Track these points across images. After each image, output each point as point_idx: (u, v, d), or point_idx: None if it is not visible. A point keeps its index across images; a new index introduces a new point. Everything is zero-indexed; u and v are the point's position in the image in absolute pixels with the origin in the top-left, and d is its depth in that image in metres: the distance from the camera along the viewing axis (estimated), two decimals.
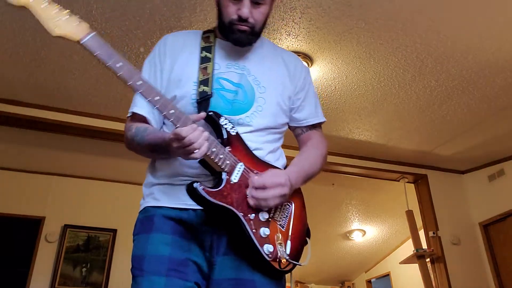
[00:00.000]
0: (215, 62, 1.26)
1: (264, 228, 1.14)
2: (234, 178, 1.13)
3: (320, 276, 7.42)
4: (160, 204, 1.18)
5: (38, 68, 3.13)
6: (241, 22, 1.21)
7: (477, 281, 4.27)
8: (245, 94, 1.24)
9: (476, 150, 4.30)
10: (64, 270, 4.34)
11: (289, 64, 1.37)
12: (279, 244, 1.15)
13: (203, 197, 1.06)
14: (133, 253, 1.16)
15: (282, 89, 1.31)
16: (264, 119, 1.25)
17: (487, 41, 2.88)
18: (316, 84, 3.33)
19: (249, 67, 1.28)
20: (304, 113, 1.37)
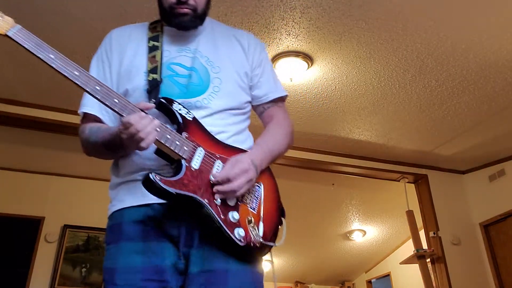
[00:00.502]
0: (164, 49, 1.21)
1: (233, 212, 1.07)
2: (194, 164, 1.06)
3: (320, 276, 7.42)
4: (125, 205, 1.12)
5: (37, 68, 3.12)
6: (180, 4, 1.18)
7: (478, 281, 4.26)
8: (199, 76, 1.19)
9: (476, 150, 4.30)
10: (64, 270, 4.33)
11: (242, 41, 1.33)
12: (251, 227, 1.08)
13: (161, 188, 0.98)
14: (104, 265, 1.10)
15: (238, 66, 1.26)
16: (222, 99, 1.19)
17: (488, 41, 2.87)
18: (316, 84, 3.33)
19: (201, 49, 1.24)
20: (264, 89, 1.32)
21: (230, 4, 2.60)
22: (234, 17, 2.70)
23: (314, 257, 6.88)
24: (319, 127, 3.93)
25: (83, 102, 1.21)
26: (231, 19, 2.71)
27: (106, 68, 1.22)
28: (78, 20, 2.69)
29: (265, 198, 1.17)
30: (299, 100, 3.53)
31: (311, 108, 3.64)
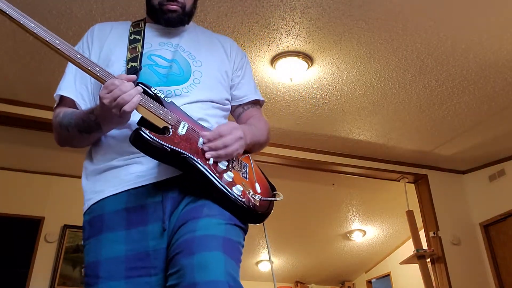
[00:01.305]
0: (146, 42, 1.21)
1: (227, 172, 1.04)
2: (181, 130, 1.02)
3: (320, 276, 7.42)
4: (105, 195, 1.06)
5: (38, 68, 3.12)
6: (170, 1, 1.21)
7: (478, 281, 4.26)
8: (180, 68, 1.18)
9: (476, 150, 4.30)
10: (64, 270, 4.33)
11: (225, 44, 1.35)
12: (247, 190, 1.05)
13: (153, 141, 0.94)
14: (86, 261, 1.05)
15: (219, 64, 1.28)
16: (203, 91, 1.18)
17: (488, 41, 2.87)
18: (316, 84, 3.33)
19: (183, 44, 1.25)
20: (244, 90, 1.33)
21: (230, 4, 2.60)
22: (234, 17, 2.70)
23: (314, 257, 6.88)
24: (319, 127, 3.93)
25: (60, 85, 1.19)
26: (231, 19, 2.71)
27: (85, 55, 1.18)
28: (81, 21, 2.70)
29: (255, 171, 1.16)
30: (299, 100, 3.53)
31: (311, 108, 3.64)
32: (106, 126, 1.06)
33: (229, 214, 1.03)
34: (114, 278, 0.99)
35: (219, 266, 0.92)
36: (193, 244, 0.94)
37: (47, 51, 2.96)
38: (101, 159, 1.12)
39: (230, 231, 1.01)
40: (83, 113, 1.08)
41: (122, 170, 1.07)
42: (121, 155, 1.09)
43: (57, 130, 1.15)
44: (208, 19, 2.71)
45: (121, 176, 1.06)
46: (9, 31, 2.79)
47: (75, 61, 1.01)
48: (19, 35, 2.82)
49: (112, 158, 1.10)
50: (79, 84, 1.19)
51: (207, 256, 0.92)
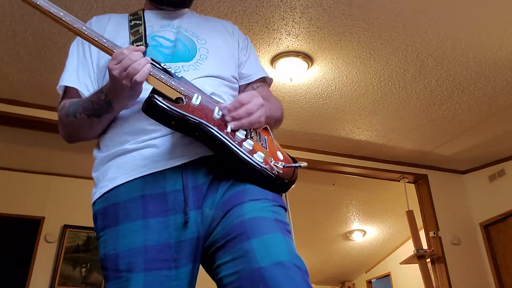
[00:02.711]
0: (147, 25, 1.17)
1: (246, 140, 0.97)
2: (195, 101, 0.96)
3: (320, 276, 7.42)
4: (119, 182, 0.99)
5: (38, 68, 3.12)
6: None
7: (478, 281, 4.26)
8: (185, 46, 1.14)
9: (476, 150, 4.30)
10: (64, 270, 4.33)
11: (226, 25, 1.32)
12: (268, 158, 0.99)
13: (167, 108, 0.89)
14: (103, 253, 0.97)
15: (224, 42, 1.24)
16: (211, 67, 1.12)
17: (488, 40, 2.87)
18: (316, 84, 3.33)
19: (185, 26, 1.21)
20: (251, 68, 1.27)
21: (230, 4, 2.60)
22: (234, 17, 2.70)
23: (314, 257, 6.88)
24: (319, 127, 3.93)
25: (62, 77, 1.14)
26: (231, 19, 2.71)
27: (86, 48, 1.16)
28: (82, 21, 2.69)
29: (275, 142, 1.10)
30: (299, 100, 3.53)
31: (311, 108, 3.64)
32: (117, 103, 0.99)
33: (272, 194, 0.99)
34: (133, 270, 0.92)
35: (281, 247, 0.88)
36: (246, 228, 0.89)
37: (48, 52, 2.96)
38: (112, 145, 1.05)
39: (278, 213, 0.97)
40: (91, 95, 1.03)
41: (136, 154, 1.00)
42: (133, 137, 1.02)
43: (64, 122, 1.08)
44: None
45: (135, 161, 0.99)
46: (9, 32, 2.79)
47: (82, 33, 0.96)
48: (20, 35, 2.82)
49: (124, 141, 1.02)
50: (82, 74, 1.13)
51: (267, 238, 0.88)
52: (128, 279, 0.91)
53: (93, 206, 1.04)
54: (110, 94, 0.97)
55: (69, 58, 1.18)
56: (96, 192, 1.04)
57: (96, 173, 1.07)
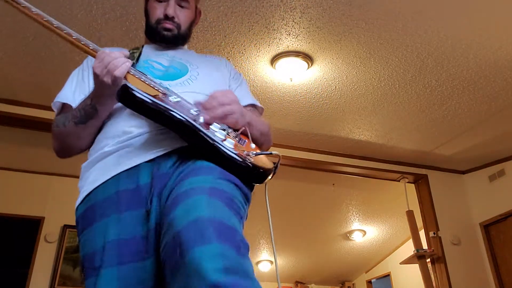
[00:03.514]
0: (143, 53, 1.26)
1: (219, 131, 1.00)
2: (173, 98, 1.01)
3: (320, 276, 7.42)
4: (97, 184, 1.03)
5: (38, 68, 3.12)
6: (167, 20, 1.27)
7: (478, 281, 4.26)
8: (176, 69, 1.21)
9: (476, 150, 4.30)
10: (64, 270, 4.33)
11: (220, 59, 1.41)
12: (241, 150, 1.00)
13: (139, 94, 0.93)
14: (82, 255, 1.00)
15: (216, 70, 1.31)
16: (201, 85, 1.17)
17: (488, 40, 2.88)
18: (316, 84, 3.33)
19: (179, 55, 1.29)
20: (242, 94, 1.28)
21: (230, 4, 2.60)
22: (234, 17, 2.70)
23: (314, 257, 6.88)
24: (319, 127, 3.93)
25: (59, 94, 1.21)
26: (231, 19, 2.71)
27: (85, 73, 1.25)
28: (81, 21, 2.70)
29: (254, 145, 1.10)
30: (299, 100, 3.53)
31: (311, 108, 3.64)
32: (101, 105, 1.05)
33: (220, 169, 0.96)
34: (106, 265, 0.93)
35: (201, 206, 0.83)
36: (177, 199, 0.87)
37: (48, 52, 2.96)
38: (93, 152, 1.10)
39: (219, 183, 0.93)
40: (80, 105, 1.10)
41: (114, 156, 1.05)
42: (112, 140, 1.06)
43: (54, 133, 1.14)
44: (208, 19, 2.71)
45: (112, 161, 1.04)
46: (10, 32, 2.79)
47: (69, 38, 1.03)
48: (20, 35, 2.82)
49: (104, 144, 1.08)
50: (78, 94, 1.20)
51: (189, 202, 0.85)
52: (101, 275, 0.92)
53: (75, 212, 1.07)
54: (94, 97, 1.04)
55: (67, 80, 1.26)
56: (78, 198, 1.07)
57: (80, 182, 1.11)
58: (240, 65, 3.12)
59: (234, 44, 2.93)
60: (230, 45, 2.94)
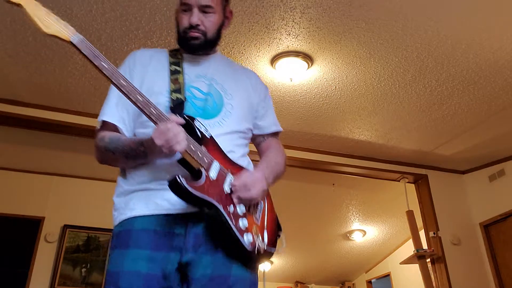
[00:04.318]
0: (185, 73, 1.33)
1: (242, 219, 1.18)
2: (212, 174, 1.16)
3: (320, 276, 7.42)
4: (136, 213, 1.18)
5: (38, 68, 3.13)
6: (192, 29, 1.32)
7: (478, 281, 4.26)
8: (214, 101, 1.32)
9: (476, 150, 4.30)
10: (64, 270, 4.33)
11: (251, 78, 1.50)
12: (256, 235, 1.19)
13: (186, 190, 1.08)
14: (109, 269, 1.15)
15: (247, 96, 1.41)
16: (233, 122, 1.32)
17: (488, 41, 2.88)
18: (316, 84, 3.33)
19: (216, 77, 1.37)
20: (267, 121, 1.47)
21: (230, 4, 2.59)
22: (234, 17, 2.68)
23: (314, 257, 6.88)
24: (319, 127, 3.93)
25: (104, 111, 1.29)
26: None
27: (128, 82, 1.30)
28: (81, 21, 2.70)
29: (268, 213, 1.30)
30: (299, 100, 3.54)
31: (311, 108, 3.64)
32: (152, 157, 1.17)
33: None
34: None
35: None
36: None
37: (48, 52, 2.96)
38: (137, 181, 1.23)
39: None
40: (132, 142, 1.19)
41: (157, 193, 1.18)
42: (156, 180, 1.19)
43: (101, 151, 1.25)
44: None
45: (155, 199, 1.18)
46: (10, 32, 2.79)
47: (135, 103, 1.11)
48: (20, 35, 2.82)
49: (148, 180, 1.21)
50: (120, 108, 1.28)
51: None
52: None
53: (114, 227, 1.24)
54: (148, 149, 1.14)
55: (109, 92, 1.32)
56: (116, 218, 1.23)
57: (118, 199, 1.26)
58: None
59: (234, 44, 2.93)
60: (230, 45, 2.94)
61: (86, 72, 3.15)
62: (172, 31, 2.81)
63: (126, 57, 1.39)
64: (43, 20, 1.05)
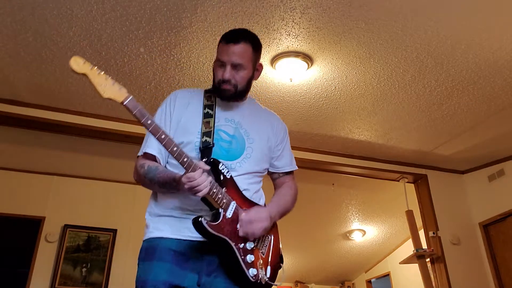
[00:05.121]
0: (216, 117, 1.56)
1: (250, 255, 1.42)
2: (228, 214, 1.40)
3: (320, 276, 7.43)
4: (163, 235, 1.43)
5: (39, 69, 3.13)
6: (224, 82, 1.53)
7: (477, 281, 4.27)
8: (238, 144, 1.55)
9: (476, 150, 4.31)
10: (64, 270, 4.33)
11: (273, 122, 1.69)
12: (260, 268, 1.43)
13: (206, 229, 1.34)
14: (138, 276, 1.41)
15: (266, 141, 1.62)
16: (251, 164, 1.54)
17: (487, 41, 2.88)
18: (316, 84, 3.34)
19: (242, 122, 1.59)
20: (282, 162, 1.69)
21: (230, 5, 2.61)
22: (234, 17, 2.70)
23: (314, 257, 6.89)
24: (319, 127, 3.94)
25: (147, 144, 1.51)
26: (231, 19, 2.71)
27: (167, 118, 1.55)
28: (81, 21, 2.70)
29: (273, 247, 1.52)
30: (299, 100, 3.54)
31: (311, 108, 3.65)
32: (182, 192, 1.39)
33: None
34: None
35: None
36: None
37: (48, 52, 2.97)
38: (166, 207, 1.47)
39: None
40: (167, 177, 1.41)
41: (182, 221, 1.43)
42: (180, 210, 1.45)
43: (141, 177, 1.48)
44: (208, 19, 2.71)
45: (178, 226, 1.43)
46: (10, 32, 2.80)
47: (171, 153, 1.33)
48: (20, 36, 2.82)
49: (173, 208, 1.46)
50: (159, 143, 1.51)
51: None
52: None
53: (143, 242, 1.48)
54: (179, 186, 1.36)
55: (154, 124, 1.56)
56: (146, 234, 1.48)
57: (149, 218, 1.51)
58: None
59: None
60: None
61: None
62: (172, 31, 2.82)
63: (169, 95, 1.62)
64: (102, 86, 1.27)
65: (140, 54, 3.01)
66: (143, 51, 2.98)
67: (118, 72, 3.15)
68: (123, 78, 3.22)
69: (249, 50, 1.57)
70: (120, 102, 1.27)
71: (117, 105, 1.28)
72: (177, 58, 3.07)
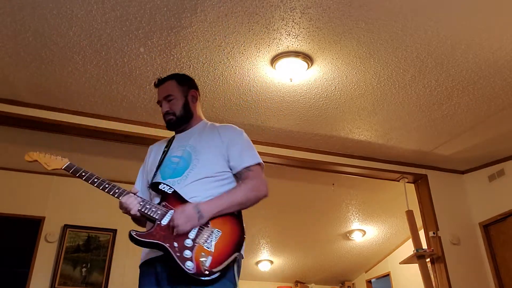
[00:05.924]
0: (170, 149, 1.85)
1: (187, 250, 1.52)
2: (164, 221, 1.58)
3: (320, 276, 7.42)
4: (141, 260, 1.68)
5: (38, 68, 3.13)
6: (167, 114, 1.86)
7: (477, 281, 4.27)
8: (184, 161, 1.76)
9: (476, 150, 4.30)
10: (64, 270, 4.33)
11: (220, 132, 1.85)
12: (202, 259, 1.50)
13: (137, 239, 1.54)
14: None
15: (215, 148, 1.78)
16: (198, 172, 1.71)
17: (487, 41, 2.88)
18: (316, 84, 3.33)
19: (192, 142, 1.81)
20: (233, 162, 1.77)
21: (230, 4, 2.60)
22: (234, 17, 2.70)
23: (314, 257, 6.88)
24: (319, 127, 3.94)
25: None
26: (231, 19, 2.71)
27: (144, 169, 1.91)
28: (81, 21, 2.70)
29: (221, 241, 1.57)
30: (299, 100, 3.54)
31: (311, 108, 3.65)
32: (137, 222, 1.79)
33: None
34: None
35: None
36: None
37: (48, 52, 2.97)
38: None
39: None
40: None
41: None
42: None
43: None
44: (208, 19, 2.71)
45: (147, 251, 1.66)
46: (10, 32, 2.80)
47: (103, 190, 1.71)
48: (20, 36, 2.82)
49: None
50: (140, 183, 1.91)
51: None
52: None
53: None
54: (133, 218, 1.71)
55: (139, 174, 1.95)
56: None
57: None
58: (240, 65, 3.13)
59: (234, 44, 2.93)
60: (230, 45, 2.94)
61: (86, 72, 3.15)
62: (172, 31, 2.82)
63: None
64: (47, 163, 1.87)
65: (140, 54, 3.01)
66: (143, 51, 2.98)
67: (118, 72, 3.15)
68: (123, 78, 3.22)
69: (173, 83, 1.89)
70: (60, 167, 1.82)
71: (117, 106, 1.28)
72: (177, 58, 3.07)
